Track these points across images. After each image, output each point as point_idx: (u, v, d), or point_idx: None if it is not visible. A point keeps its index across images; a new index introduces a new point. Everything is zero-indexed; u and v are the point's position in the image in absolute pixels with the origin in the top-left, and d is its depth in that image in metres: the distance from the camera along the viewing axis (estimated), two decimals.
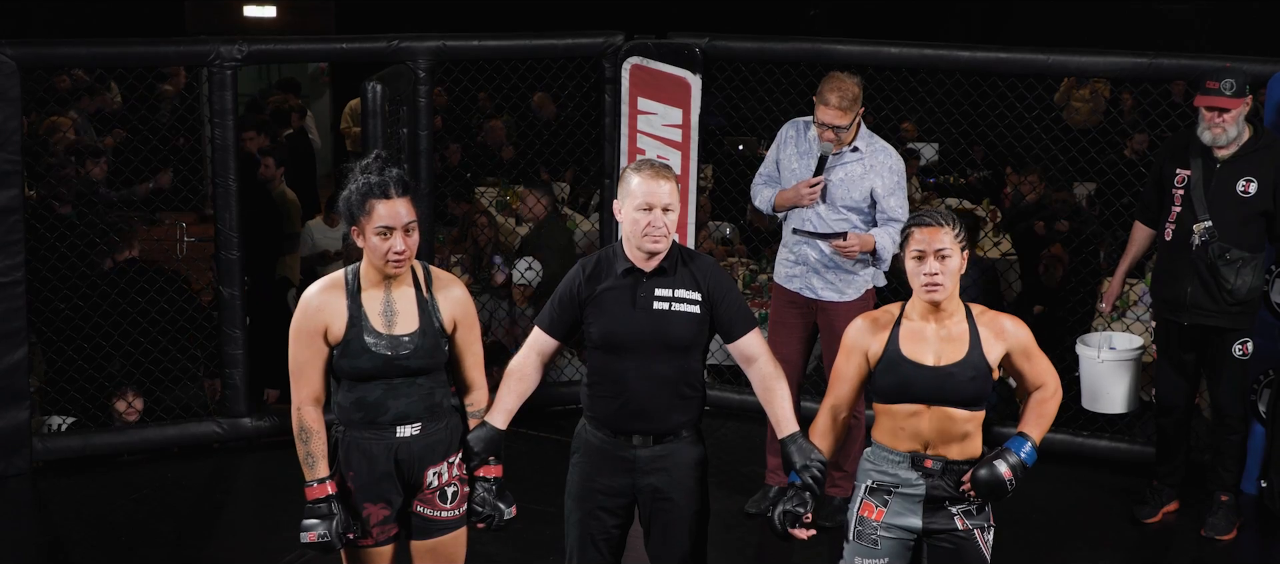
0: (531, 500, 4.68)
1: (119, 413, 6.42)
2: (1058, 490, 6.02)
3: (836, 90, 5.26)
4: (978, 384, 3.72)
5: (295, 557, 5.23)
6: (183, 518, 5.80)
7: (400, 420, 3.77)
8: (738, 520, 5.69)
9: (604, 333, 3.92)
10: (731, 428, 6.64)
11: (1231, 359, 5.44)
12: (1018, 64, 6.34)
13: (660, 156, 6.53)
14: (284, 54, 7.13)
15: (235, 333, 6.30)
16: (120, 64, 6.54)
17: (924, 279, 3.67)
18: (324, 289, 3.78)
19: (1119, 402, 5.83)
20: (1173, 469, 5.71)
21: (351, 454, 3.79)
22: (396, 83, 6.10)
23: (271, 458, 6.31)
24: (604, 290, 3.93)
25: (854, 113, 5.29)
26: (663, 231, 3.87)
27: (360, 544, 3.84)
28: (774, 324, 5.64)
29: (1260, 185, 5.31)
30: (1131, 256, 5.76)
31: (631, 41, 6.66)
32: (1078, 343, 5.95)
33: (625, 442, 3.97)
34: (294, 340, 3.77)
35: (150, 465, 6.31)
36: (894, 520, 3.77)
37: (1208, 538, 5.58)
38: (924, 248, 3.66)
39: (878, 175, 5.35)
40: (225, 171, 6.20)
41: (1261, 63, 5.72)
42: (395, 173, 3.71)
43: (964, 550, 3.75)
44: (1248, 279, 5.31)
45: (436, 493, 3.84)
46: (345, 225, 3.82)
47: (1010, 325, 3.79)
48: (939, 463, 3.73)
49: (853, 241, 5.31)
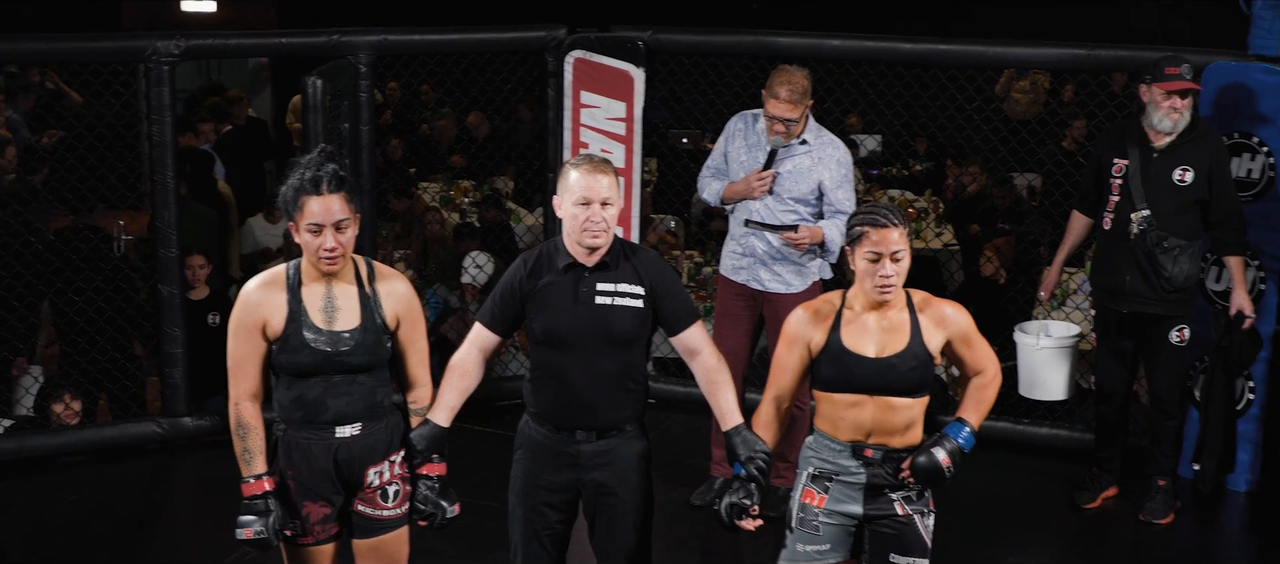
0: (475, 496, 4.67)
1: (57, 415, 6.34)
2: (998, 477, 6.07)
3: (786, 83, 5.26)
4: (919, 373, 3.75)
5: (237, 557, 5.19)
6: (123, 519, 5.74)
7: (340, 420, 3.74)
8: (683, 513, 5.70)
9: (546, 328, 3.91)
10: (677, 421, 6.65)
11: (1169, 346, 5.51)
12: (958, 56, 6.38)
13: (604, 150, 6.53)
14: (223, 49, 7.04)
15: (174, 331, 6.23)
16: (54, 60, 6.47)
17: (879, 281, 3.68)
18: (263, 284, 3.75)
19: (1056, 389, 5.89)
20: (1111, 455, 5.78)
21: (292, 453, 3.77)
22: (337, 78, 6.06)
23: (213, 457, 6.24)
24: (545, 285, 3.92)
25: (803, 106, 5.30)
26: (602, 226, 3.86)
27: (301, 543, 3.81)
28: (720, 316, 5.65)
29: (1196, 174, 5.38)
30: (1069, 245, 5.82)
31: (574, 35, 6.65)
32: (1016, 331, 6.01)
33: (569, 437, 3.96)
34: (233, 335, 3.74)
35: (89, 466, 6.23)
36: (835, 507, 3.79)
37: (1146, 522, 5.64)
38: (881, 250, 3.66)
39: (826, 168, 5.37)
40: (163, 169, 6.13)
41: (1198, 53, 5.79)
42: (330, 168, 3.67)
43: (904, 536, 3.77)
44: (1184, 267, 5.38)
45: (378, 492, 3.82)
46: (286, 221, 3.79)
47: (950, 312, 3.81)
48: (879, 452, 3.75)
49: (803, 233, 5.33)
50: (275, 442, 3.79)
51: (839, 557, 3.82)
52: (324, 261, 3.68)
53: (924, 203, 9.47)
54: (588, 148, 6.56)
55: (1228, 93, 5.74)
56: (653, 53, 6.60)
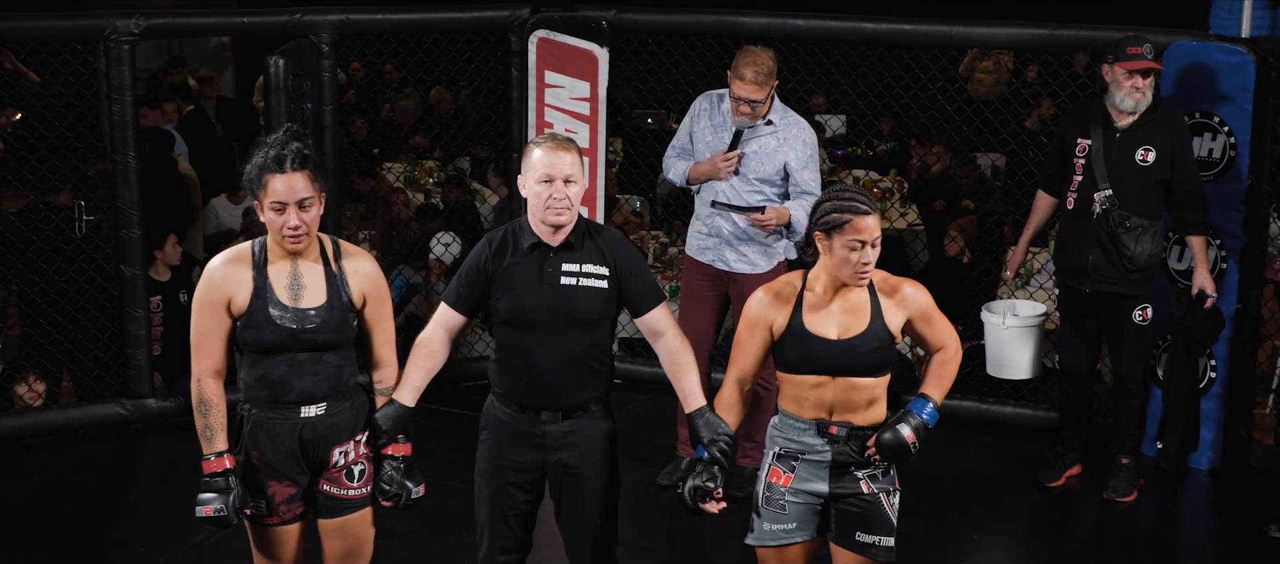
0: (441, 477, 4.66)
1: (20, 397, 6.29)
2: (963, 456, 6.11)
3: (752, 65, 5.25)
4: (881, 353, 3.76)
5: (202, 538, 5.17)
6: (86, 501, 5.70)
7: (305, 400, 3.72)
8: (650, 493, 5.71)
9: (511, 309, 3.90)
10: (643, 401, 6.66)
11: (1132, 325, 5.55)
12: (922, 36, 6.40)
13: (568, 130, 6.51)
14: (183, 28, 7.01)
15: (137, 312, 6.19)
16: (14, 38, 6.38)
17: (859, 268, 3.69)
18: (229, 260, 3.73)
19: (1023, 368, 5.92)
20: (1075, 434, 5.82)
21: (257, 433, 3.75)
22: (299, 57, 6.02)
23: (177, 438, 6.21)
24: (510, 266, 3.91)
25: (769, 87, 5.29)
26: (565, 204, 3.85)
27: (267, 523, 3.80)
28: (686, 296, 5.65)
29: (1158, 154, 5.41)
30: (1034, 225, 5.85)
31: (538, 14, 6.62)
32: (982, 310, 6.03)
33: (534, 417, 3.95)
34: (197, 311, 3.71)
35: (52, 448, 6.18)
36: (801, 486, 3.80)
37: (1109, 500, 5.69)
38: (864, 238, 3.66)
39: (791, 148, 5.37)
40: (124, 148, 6.07)
41: (1159, 33, 5.82)
42: (294, 147, 3.65)
43: (870, 514, 3.79)
44: (1147, 246, 5.41)
45: (343, 471, 3.81)
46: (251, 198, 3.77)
47: (909, 291, 3.82)
48: (844, 429, 3.76)
49: (770, 215, 5.33)
50: (241, 421, 3.77)
51: (805, 535, 3.83)
52: (288, 240, 3.66)
53: (888, 183, 9.49)
54: (552, 128, 6.54)
55: (1189, 73, 5.77)
56: (617, 32, 6.58)
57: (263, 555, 3.87)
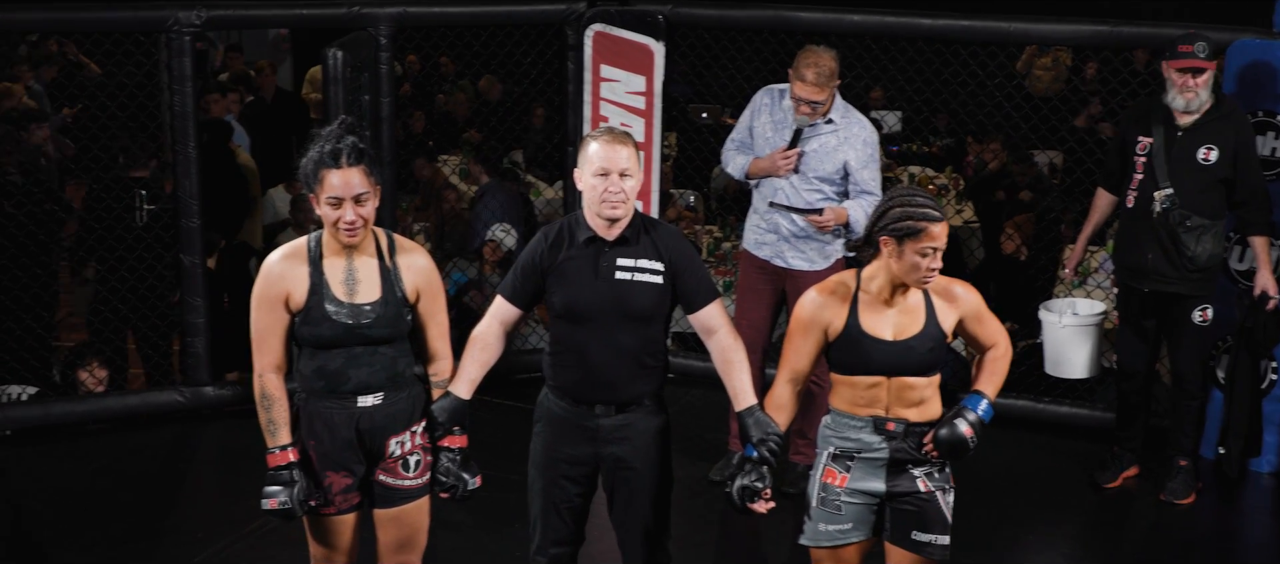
0: (495, 468, 4.67)
1: (83, 383, 6.38)
2: (1019, 456, 6.07)
3: (813, 66, 5.23)
4: (935, 353, 3.76)
5: (258, 525, 5.21)
6: (145, 487, 5.76)
7: (362, 390, 3.74)
8: (703, 488, 5.70)
9: (566, 302, 3.91)
10: (696, 395, 6.65)
11: (1191, 326, 5.48)
12: (980, 32, 6.34)
13: (623, 124, 6.51)
14: (243, 20, 7.06)
15: (196, 301, 6.25)
16: (77, 29, 6.47)
17: (927, 274, 3.67)
18: (285, 256, 3.75)
19: (1080, 367, 5.87)
20: (1132, 435, 5.76)
21: (314, 423, 3.77)
22: (357, 49, 6.05)
23: (234, 427, 6.28)
24: (565, 260, 3.91)
25: (830, 87, 5.27)
26: (621, 197, 3.84)
27: (323, 513, 3.82)
28: (743, 289, 5.64)
29: (1221, 153, 5.34)
30: (1094, 223, 5.80)
31: (595, 8, 6.62)
32: (1040, 309, 5.99)
33: (588, 411, 3.96)
34: (256, 307, 3.74)
35: (112, 435, 6.26)
36: (857, 485, 3.78)
37: (1167, 502, 5.63)
38: (937, 245, 3.65)
39: (851, 148, 5.34)
40: (184, 139, 6.14)
41: (1222, 30, 5.75)
42: (350, 141, 3.65)
43: (926, 512, 3.77)
44: (1208, 246, 5.35)
45: (399, 462, 3.83)
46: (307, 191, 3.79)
47: (961, 291, 3.82)
48: (901, 425, 3.75)
49: (829, 216, 5.32)
50: (297, 412, 3.80)
51: (861, 536, 3.81)
52: (343, 234, 3.68)
53: (944, 179, 9.44)
54: (607, 122, 6.55)
55: (1252, 71, 5.70)
56: (673, 26, 6.58)
57: (319, 544, 3.90)
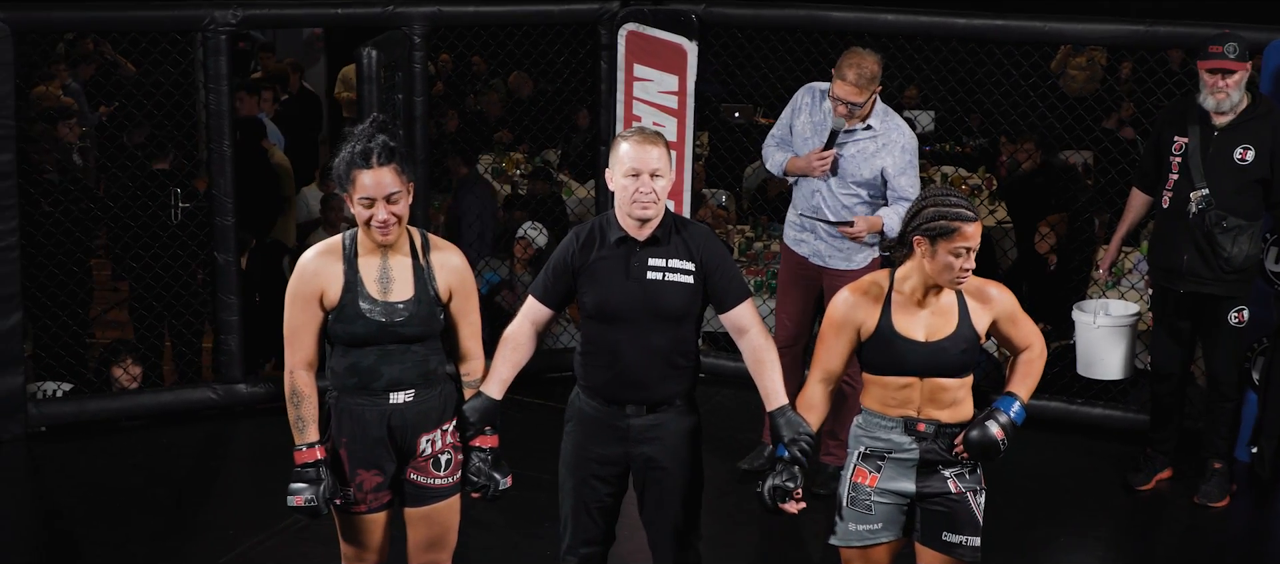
0: (526, 468, 4.68)
1: (117, 379, 6.43)
2: (1052, 457, 6.04)
3: (855, 67, 5.22)
4: (968, 355, 3.75)
5: (291, 522, 5.24)
6: (178, 484, 5.80)
7: (393, 386, 3.75)
8: (734, 488, 5.70)
9: (597, 303, 3.91)
10: (727, 395, 6.65)
11: (1227, 327, 5.44)
12: (1014, 32, 6.31)
13: (656, 124, 6.51)
14: (278, 19, 7.09)
15: (230, 299, 6.29)
16: (114, 28, 6.52)
17: (960, 274, 3.66)
18: (320, 254, 3.77)
19: (1114, 368, 5.84)
20: (1167, 436, 5.72)
21: (344, 420, 3.78)
22: (391, 48, 6.07)
23: (267, 423, 6.31)
24: (597, 260, 3.91)
25: (870, 91, 5.25)
26: (652, 197, 3.84)
27: (354, 511, 3.83)
28: (783, 284, 5.66)
29: (1258, 153, 5.30)
30: (1128, 223, 5.76)
31: (628, 7, 6.63)
32: (1074, 309, 5.95)
33: (619, 411, 3.96)
34: (290, 304, 3.75)
35: (145, 431, 6.31)
36: (888, 486, 3.77)
37: (1201, 505, 5.59)
38: (970, 244, 3.64)
39: (890, 153, 5.32)
40: (220, 137, 6.17)
41: (1258, 30, 5.70)
42: (381, 140, 3.66)
43: (956, 513, 3.76)
44: (1244, 247, 5.31)
45: (429, 460, 3.84)
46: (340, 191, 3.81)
47: (995, 292, 3.81)
48: (931, 426, 3.74)
49: (860, 226, 5.31)
50: (328, 409, 3.81)
51: (891, 536, 3.80)
52: (377, 233, 3.69)
53: (977, 179, 9.39)
54: (640, 121, 6.55)
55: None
56: (706, 26, 6.57)
57: (349, 543, 3.91)
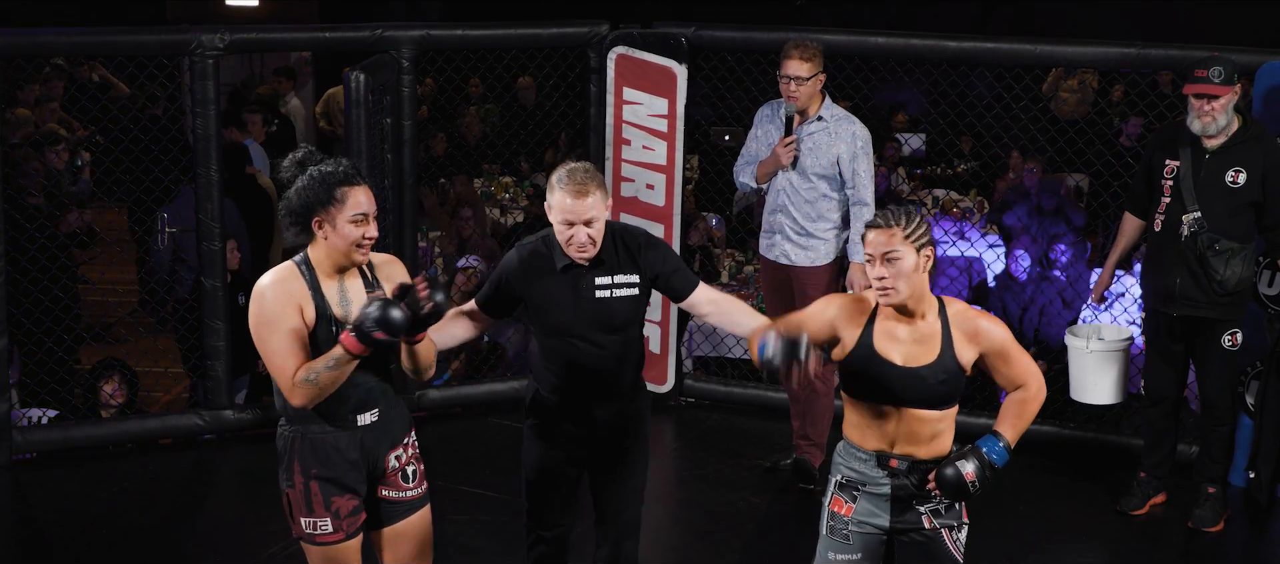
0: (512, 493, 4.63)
1: (105, 394, 6.38)
2: (1044, 482, 6.00)
3: (799, 45, 5.58)
4: (948, 386, 3.64)
5: (278, 549, 5.19)
6: (164, 510, 5.74)
7: (360, 408, 3.71)
8: (724, 509, 5.66)
9: (551, 326, 4.07)
10: (717, 419, 6.61)
11: (1220, 350, 5.42)
12: (1005, 54, 6.30)
13: (645, 146, 6.52)
14: (267, 43, 7.06)
15: (217, 324, 6.24)
16: (101, 53, 6.48)
17: (876, 284, 3.61)
18: (284, 279, 3.66)
19: (1107, 393, 5.81)
20: (1160, 461, 5.69)
21: (309, 453, 3.70)
22: (379, 72, 6.05)
23: (254, 450, 6.26)
24: (545, 287, 4.05)
25: (815, 67, 5.55)
26: (589, 243, 3.98)
27: (331, 542, 3.75)
28: (766, 293, 5.97)
29: (1249, 176, 5.28)
30: (1121, 248, 5.74)
31: (617, 31, 6.61)
32: (1066, 333, 5.93)
33: (580, 405, 4.14)
34: (270, 330, 3.61)
35: (131, 458, 6.25)
36: (862, 517, 3.71)
37: (1195, 530, 5.55)
38: (873, 252, 3.59)
39: (842, 141, 5.59)
40: (207, 162, 6.14)
41: (1249, 53, 5.69)
42: (346, 161, 3.68)
43: (931, 549, 3.69)
44: (1237, 270, 5.29)
45: (398, 474, 3.81)
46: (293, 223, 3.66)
47: (985, 325, 3.67)
48: (905, 462, 3.66)
49: (856, 275, 5.62)
50: (289, 443, 3.72)
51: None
52: (360, 251, 3.65)
53: (969, 202, 9.38)
54: (629, 145, 6.56)
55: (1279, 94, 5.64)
56: (695, 49, 6.56)
57: None
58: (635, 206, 6.58)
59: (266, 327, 3.62)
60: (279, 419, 3.77)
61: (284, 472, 3.75)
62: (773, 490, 5.81)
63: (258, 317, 3.63)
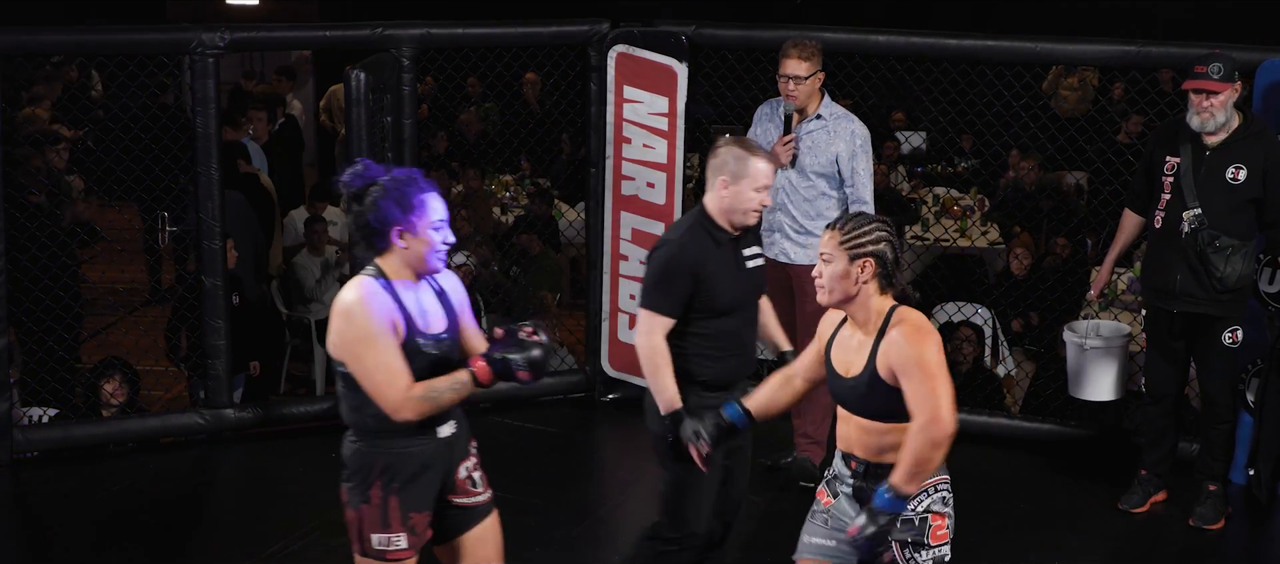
0: (515, 493, 4.64)
1: (106, 394, 6.38)
2: (1044, 480, 6.00)
3: (797, 44, 5.61)
4: (879, 399, 3.51)
5: (278, 548, 5.20)
6: (165, 509, 5.75)
7: (441, 419, 3.67)
8: None
9: (718, 305, 4.22)
10: None
11: (1221, 348, 5.42)
12: (1006, 52, 6.30)
13: (645, 145, 6.53)
14: (267, 42, 7.08)
15: (217, 323, 6.24)
16: (101, 51, 6.47)
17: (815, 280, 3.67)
18: (375, 292, 3.56)
19: (1105, 389, 5.81)
20: (1161, 458, 5.69)
21: (395, 465, 3.62)
22: (380, 71, 6.05)
23: (254, 449, 6.26)
24: (715, 264, 4.22)
25: (813, 66, 5.57)
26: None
27: (401, 557, 3.67)
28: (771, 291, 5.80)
29: (1249, 172, 5.29)
30: (1121, 245, 5.74)
31: (617, 29, 6.61)
32: (1064, 330, 5.93)
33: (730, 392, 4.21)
34: (373, 340, 3.51)
35: (132, 457, 6.25)
36: (838, 512, 3.72)
37: (1196, 527, 5.55)
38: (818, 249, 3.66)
39: (840, 139, 5.62)
40: (207, 161, 6.14)
41: (1249, 50, 5.69)
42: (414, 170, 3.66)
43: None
44: (1237, 267, 5.29)
45: (468, 481, 3.78)
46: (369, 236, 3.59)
47: (896, 337, 3.49)
48: (861, 466, 3.64)
49: None
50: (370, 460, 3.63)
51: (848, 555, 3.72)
52: (440, 259, 3.63)
53: (969, 201, 9.39)
54: (630, 143, 6.56)
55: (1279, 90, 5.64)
56: (696, 48, 6.56)
57: None
58: (636, 205, 6.58)
59: (365, 343, 3.52)
60: (348, 434, 3.67)
61: (357, 488, 3.64)
62: (773, 489, 5.81)
63: (355, 332, 3.52)
